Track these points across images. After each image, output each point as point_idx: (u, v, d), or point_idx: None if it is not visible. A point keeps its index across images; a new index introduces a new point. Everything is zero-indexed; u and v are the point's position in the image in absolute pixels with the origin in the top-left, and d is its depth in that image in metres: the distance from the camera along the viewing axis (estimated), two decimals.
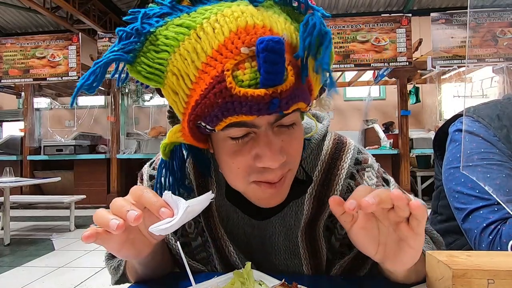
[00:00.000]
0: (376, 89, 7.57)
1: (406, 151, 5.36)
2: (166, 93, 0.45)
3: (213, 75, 0.39)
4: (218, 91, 0.39)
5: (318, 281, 0.61)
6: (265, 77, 0.37)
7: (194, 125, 0.44)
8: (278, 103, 0.39)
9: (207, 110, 0.41)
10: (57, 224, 4.56)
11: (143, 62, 0.42)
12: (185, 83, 0.41)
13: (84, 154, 6.06)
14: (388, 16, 5.02)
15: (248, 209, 0.58)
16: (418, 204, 0.37)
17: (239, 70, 0.38)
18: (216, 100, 0.39)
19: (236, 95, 0.38)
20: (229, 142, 0.45)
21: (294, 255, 0.63)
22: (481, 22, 4.53)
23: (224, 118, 0.40)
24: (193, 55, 0.40)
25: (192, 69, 0.40)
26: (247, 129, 0.43)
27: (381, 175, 0.64)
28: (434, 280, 0.46)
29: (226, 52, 0.39)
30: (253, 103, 0.38)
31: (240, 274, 0.50)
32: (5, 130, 8.19)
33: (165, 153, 0.52)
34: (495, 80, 5.19)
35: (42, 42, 5.47)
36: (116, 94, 5.98)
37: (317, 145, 0.62)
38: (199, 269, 0.66)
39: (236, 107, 0.39)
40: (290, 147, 0.47)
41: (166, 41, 0.41)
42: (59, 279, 2.56)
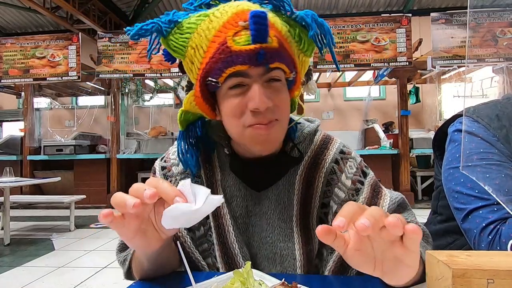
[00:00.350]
0: (376, 89, 7.58)
1: (406, 151, 5.37)
2: (185, 63, 0.61)
3: (219, 42, 0.54)
4: (221, 50, 0.54)
5: (318, 281, 0.61)
6: (254, 34, 0.52)
7: (204, 83, 0.58)
8: (264, 55, 0.53)
9: (213, 66, 0.55)
10: (57, 224, 4.56)
11: (172, 39, 0.58)
12: (199, 53, 0.57)
13: (84, 154, 6.06)
14: (388, 16, 5.02)
15: (249, 181, 0.69)
16: (413, 229, 0.37)
17: (237, 36, 0.53)
18: (220, 56, 0.54)
19: (234, 51, 0.53)
20: (229, 94, 0.58)
21: (288, 238, 0.67)
22: (481, 22, 4.53)
23: (225, 69, 0.54)
24: (206, 31, 0.56)
25: (205, 41, 0.56)
26: (242, 79, 0.56)
27: (361, 167, 0.72)
28: (434, 279, 0.46)
29: (229, 26, 0.54)
30: (246, 55, 0.53)
31: (240, 274, 0.50)
32: (5, 130, 8.19)
33: (181, 121, 0.65)
34: (495, 80, 5.19)
35: (42, 42, 5.47)
36: (116, 94, 5.99)
37: (309, 136, 0.73)
38: (200, 265, 0.68)
39: (234, 60, 0.53)
40: (276, 98, 0.58)
41: (188, 25, 0.57)
42: (59, 279, 2.56)
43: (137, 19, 7.41)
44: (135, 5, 7.25)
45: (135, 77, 5.46)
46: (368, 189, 0.69)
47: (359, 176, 0.70)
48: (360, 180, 0.70)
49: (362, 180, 0.70)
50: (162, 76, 5.42)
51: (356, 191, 0.68)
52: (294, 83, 0.63)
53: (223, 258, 0.67)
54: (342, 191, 0.69)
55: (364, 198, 0.67)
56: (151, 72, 5.31)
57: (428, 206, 4.67)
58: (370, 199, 0.67)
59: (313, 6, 7.52)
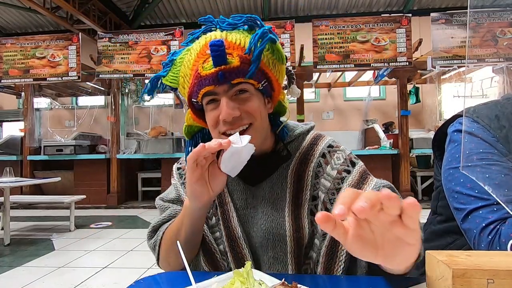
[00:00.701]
0: (376, 89, 7.57)
1: (406, 151, 5.37)
2: (180, 89, 0.75)
3: (195, 70, 0.68)
4: (195, 76, 0.68)
5: (318, 281, 0.61)
6: (214, 60, 0.64)
7: (191, 103, 0.72)
8: (223, 75, 0.64)
9: (192, 90, 0.69)
10: (57, 224, 4.56)
11: (169, 75, 0.75)
12: (186, 80, 0.71)
13: (84, 154, 6.06)
14: (388, 16, 5.03)
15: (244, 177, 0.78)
16: (409, 202, 0.36)
17: (205, 63, 0.66)
18: (195, 81, 0.68)
19: (202, 76, 0.66)
20: (208, 109, 0.70)
21: (280, 226, 0.74)
22: (481, 22, 4.53)
23: (199, 91, 0.68)
24: (188, 63, 0.71)
25: (188, 71, 0.71)
26: (213, 96, 0.68)
27: (350, 158, 0.77)
28: (434, 279, 0.46)
29: (201, 55, 0.68)
30: (210, 77, 0.65)
31: (240, 273, 0.51)
32: (5, 130, 8.19)
33: (186, 133, 0.81)
34: (495, 80, 5.19)
35: (42, 42, 5.47)
36: (116, 94, 5.98)
37: (301, 136, 0.81)
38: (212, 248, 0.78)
39: (202, 82, 0.66)
40: (245, 107, 0.68)
41: (179, 60, 0.74)
42: (59, 279, 2.56)
43: (137, 19, 7.41)
44: (135, 5, 7.25)
45: (135, 77, 5.46)
46: (355, 176, 0.74)
47: (346, 166, 0.75)
48: (346, 169, 0.75)
49: (349, 169, 0.75)
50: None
51: (341, 179, 0.74)
52: (271, 90, 0.73)
53: (229, 242, 0.76)
54: (328, 180, 0.75)
55: (349, 184, 0.72)
56: (151, 72, 5.31)
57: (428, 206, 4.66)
58: (355, 185, 0.72)
59: (313, 6, 7.53)
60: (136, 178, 6.38)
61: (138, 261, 2.91)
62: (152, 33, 5.42)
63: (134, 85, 6.46)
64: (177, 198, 0.83)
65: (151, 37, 5.37)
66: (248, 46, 0.66)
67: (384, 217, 0.38)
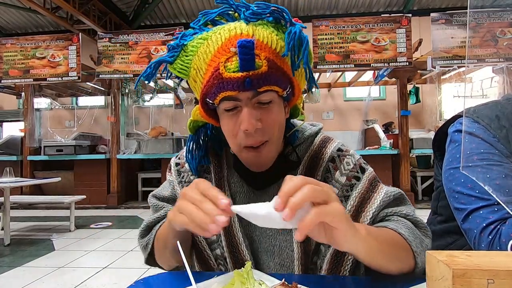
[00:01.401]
0: (376, 89, 7.57)
1: (406, 151, 5.36)
2: (190, 82, 0.68)
3: (214, 66, 0.60)
4: (215, 76, 0.59)
5: (318, 281, 0.61)
6: (241, 63, 0.57)
7: (204, 102, 0.64)
8: (250, 82, 0.57)
9: (209, 90, 0.61)
10: (57, 224, 4.56)
11: (178, 63, 0.65)
12: (200, 74, 0.64)
13: (84, 154, 6.06)
14: (388, 16, 5.02)
15: (250, 179, 0.73)
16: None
17: (228, 62, 0.58)
18: (213, 82, 0.59)
19: (224, 77, 0.58)
20: (225, 114, 0.64)
21: (286, 232, 0.71)
22: (481, 22, 4.53)
23: (218, 93, 0.60)
24: (204, 55, 0.62)
25: (203, 64, 0.62)
26: (234, 102, 0.61)
27: (359, 164, 0.74)
28: (434, 280, 0.46)
29: (222, 51, 0.59)
30: (235, 82, 0.57)
31: (240, 274, 0.51)
32: (5, 130, 8.19)
33: (190, 128, 0.74)
34: (495, 80, 5.19)
35: (42, 42, 5.47)
36: (116, 94, 5.98)
37: (310, 138, 0.78)
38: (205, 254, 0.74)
39: (224, 85, 0.58)
40: (267, 119, 0.62)
41: (192, 48, 0.64)
42: (59, 279, 2.56)
43: (137, 19, 7.41)
44: (135, 5, 7.25)
45: (135, 77, 5.46)
46: (365, 184, 0.71)
47: (355, 172, 0.73)
48: (356, 176, 0.72)
49: (359, 176, 0.72)
50: (162, 76, 5.42)
51: (350, 187, 0.71)
52: (292, 96, 0.67)
53: (229, 248, 0.71)
54: (336, 187, 0.71)
55: (358, 193, 0.70)
56: None
57: (428, 206, 4.66)
58: (364, 193, 0.70)
59: (313, 6, 7.53)
60: (136, 178, 6.38)
61: (138, 261, 2.91)
62: (152, 33, 5.42)
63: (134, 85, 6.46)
64: (172, 197, 0.78)
65: (151, 37, 5.37)
66: (286, 50, 0.60)
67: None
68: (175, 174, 0.80)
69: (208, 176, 0.77)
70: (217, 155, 0.78)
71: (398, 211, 0.68)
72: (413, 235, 0.62)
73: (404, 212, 0.68)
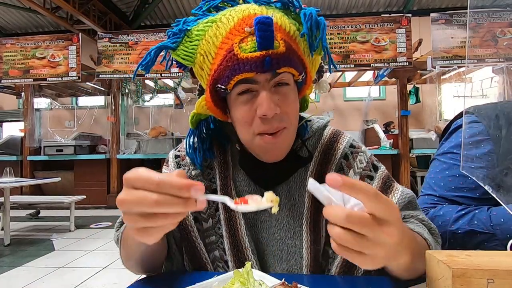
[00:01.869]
0: (376, 89, 7.57)
1: (406, 151, 5.36)
2: (196, 70, 0.62)
3: (226, 49, 0.55)
4: (229, 58, 0.54)
5: (318, 281, 0.61)
6: (259, 41, 0.52)
7: (213, 89, 0.59)
8: (270, 61, 0.53)
9: (221, 74, 0.56)
10: (57, 224, 4.56)
11: (181, 49, 0.60)
12: (208, 60, 0.58)
13: (84, 154, 6.06)
14: (388, 16, 5.02)
15: (257, 178, 0.69)
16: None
17: (243, 42, 0.54)
18: (227, 64, 0.54)
19: (240, 58, 0.53)
20: (238, 100, 0.58)
21: (297, 236, 0.66)
22: (481, 22, 4.53)
23: (233, 77, 0.55)
24: (214, 38, 0.57)
25: (213, 48, 0.57)
26: (250, 85, 0.56)
27: (372, 161, 0.72)
28: (434, 279, 0.46)
29: (235, 32, 0.55)
30: (252, 62, 0.53)
31: (240, 274, 0.50)
32: (5, 130, 8.19)
33: (192, 121, 0.68)
34: (495, 80, 5.19)
35: (42, 42, 5.47)
36: (116, 94, 5.99)
37: (318, 131, 0.73)
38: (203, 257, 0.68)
39: (240, 67, 0.54)
40: (284, 104, 0.58)
41: (197, 33, 0.59)
42: (59, 279, 2.56)
43: (137, 20, 7.42)
44: (135, 5, 7.25)
45: (135, 77, 5.46)
46: (379, 183, 0.68)
47: (368, 171, 0.69)
48: (369, 175, 0.69)
49: (372, 175, 0.69)
50: (162, 76, 5.42)
51: None
52: (304, 83, 0.63)
53: (232, 251, 0.66)
54: None
55: None
56: (151, 73, 5.31)
57: None
58: None
59: (313, 6, 7.49)
60: None
61: None
62: (152, 33, 5.42)
63: (134, 85, 6.46)
64: None
65: (151, 37, 5.37)
66: (304, 29, 0.57)
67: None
68: (174, 166, 0.74)
69: (212, 172, 0.71)
70: (222, 151, 0.72)
71: (415, 215, 0.66)
72: (434, 242, 0.61)
73: (420, 217, 0.65)
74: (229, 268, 0.66)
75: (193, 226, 0.69)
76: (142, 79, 6.01)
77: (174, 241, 0.69)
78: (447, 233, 0.75)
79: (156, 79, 5.89)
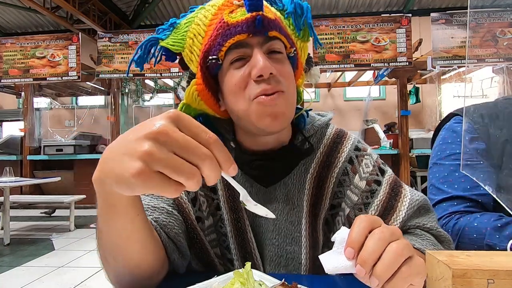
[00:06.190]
0: (376, 89, 7.58)
1: (406, 151, 5.37)
2: (185, 54, 0.62)
3: (216, 23, 0.56)
4: (219, 27, 0.55)
5: (318, 281, 0.61)
6: (250, 4, 0.53)
7: (204, 64, 0.58)
8: (261, 21, 0.53)
9: (213, 43, 0.56)
10: (57, 224, 4.56)
11: (171, 38, 0.61)
12: (197, 40, 0.59)
13: (84, 154, 6.06)
14: (388, 16, 5.02)
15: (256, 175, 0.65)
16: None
17: (232, 13, 0.56)
18: (218, 32, 0.55)
19: (231, 23, 0.54)
20: (231, 68, 0.57)
21: (295, 242, 0.65)
22: (481, 22, 4.52)
23: (224, 42, 0.54)
24: (203, 19, 0.59)
25: (202, 28, 0.59)
26: (243, 50, 0.55)
27: (378, 165, 0.68)
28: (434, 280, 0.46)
29: (224, 7, 0.57)
30: (244, 24, 0.53)
31: (240, 274, 0.50)
32: (5, 130, 8.19)
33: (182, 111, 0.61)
34: (495, 80, 5.19)
35: (42, 42, 5.47)
36: (116, 94, 5.98)
37: (320, 130, 0.70)
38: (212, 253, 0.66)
39: (232, 31, 0.54)
40: (280, 69, 0.57)
41: (186, 22, 0.61)
42: (59, 279, 2.56)
43: (137, 19, 7.41)
44: (135, 5, 7.25)
45: (135, 77, 5.46)
46: (386, 189, 0.65)
47: (375, 175, 0.66)
48: (376, 179, 0.66)
49: (379, 179, 0.66)
50: (162, 76, 5.42)
51: (371, 192, 0.64)
52: (296, 65, 0.62)
53: (240, 251, 0.65)
54: (355, 194, 0.65)
55: (380, 201, 0.63)
56: (151, 72, 5.31)
57: None
58: (387, 202, 0.63)
59: (313, 6, 7.52)
60: None
61: None
62: (152, 33, 5.37)
63: (134, 85, 6.46)
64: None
65: None
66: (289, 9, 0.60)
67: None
68: None
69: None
70: None
71: (422, 224, 0.63)
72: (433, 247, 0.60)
73: (427, 226, 0.63)
74: (234, 266, 0.65)
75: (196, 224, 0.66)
76: (142, 79, 6.01)
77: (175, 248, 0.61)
78: (483, 248, 0.72)
79: (156, 78, 5.89)
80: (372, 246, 0.40)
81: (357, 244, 0.40)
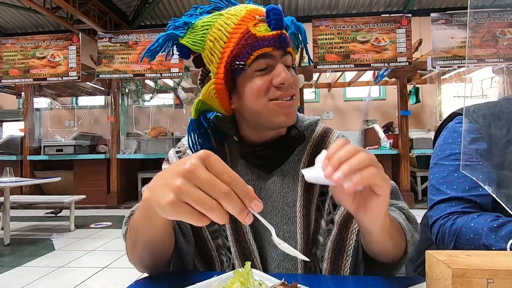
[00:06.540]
0: (376, 89, 7.58)
1: (406, 151, 5.37)
2: (205, 55, 0.68)
3: (241, 32, 0.64)
4: (247, 38, 0.64)
5: (318, 281, 0.61)
6: (274, 23, 0.63)
7: (230, 67, 0.66)
8: (284, 38, 0.65)
9: (240, 51, 0.64)
10: (57, 224, 4.56)
11: (189, 37, 0.67)
12: (219, 45, 0.66)
13: (84, 154, 6.06)
14: (388, 16, 5.03)
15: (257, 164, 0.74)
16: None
17: (256, 26, 0.64)
18: (246, 43, 0.64)
19: (259, 37, 0.64)
20: (255, 75, 0.66)
21: (291, 222, 0.71)
22: (481, 22, 4.52)
23: (253, 52, 0.64)
24: (225, 26, 0.65)
25: (225, 34, 0.65)
26: (268, 60, 0.65)
27: None
28: (434, 279, 0.46)
29: (247, 19, 0.65)
30: (271, 39, 0.64)
31: (240, 274, 0.51)
32: (5, 130, 8.19)
33: (196, 109, 0.72)
34: (495, 80, 5.19)
35: (42, 42, 5.47)
36: (116, 94, 5.99)
37: (311, 127, 0.80)
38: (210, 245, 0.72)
39: (259, 43, 0.63)
40: (293, 78, 0.68)
41: (203, 24, 0.67)
42: (59, 279, 2.56)
43: (137, 19, 7.42)
44: (135, 5, 7.25)
45: (135, 77, 5.46)
46: None
47: None
48: None
49: None
50: (162, 76, 5.42)
51: None
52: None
53: (235, 236, 0.71)
54: None
55: None
56: (151, 72, 5.31)
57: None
58: None
59: (313, 6, 7.53)
60: (136, 178, 6.38)
61: None
62: (152, 33, 5.42)
63: (134, 85, 6.46)
64: None
65: (151, 37, 5.37)
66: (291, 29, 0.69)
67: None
68: (176, 160, 0.78)
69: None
70: (219, 146, 0.78)
71: (395, 203, 0.71)
72: (407, 227, 0.66)
73: (400, 205, 0.71)
74: (231, 254, 0.70)
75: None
76: (142, 79, 6.01)
77: (181, 233, 0.68)
78: (480, 248, 0.72)
79: (156, 78, 5.89)
80: (341, 153, 0.47)
81: (330, 156, 0.48)
